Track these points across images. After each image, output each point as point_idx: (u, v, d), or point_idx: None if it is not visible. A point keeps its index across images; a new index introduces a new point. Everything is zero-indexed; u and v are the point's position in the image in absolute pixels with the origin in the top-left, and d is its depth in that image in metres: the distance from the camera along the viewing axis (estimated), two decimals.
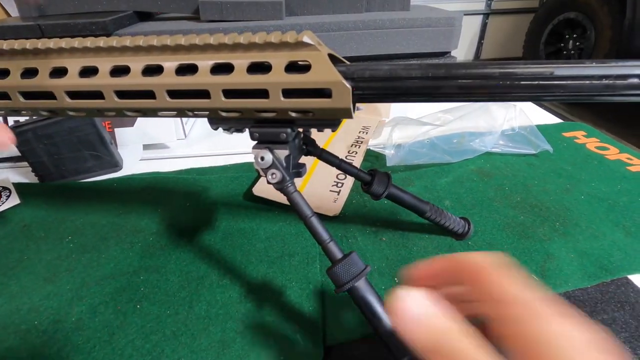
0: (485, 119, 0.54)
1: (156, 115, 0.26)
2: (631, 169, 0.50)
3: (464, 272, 0.17)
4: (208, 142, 0.61)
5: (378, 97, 0.23)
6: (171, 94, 0.24)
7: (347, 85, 0.21)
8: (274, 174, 0.26)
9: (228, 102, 0.23)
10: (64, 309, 0.32)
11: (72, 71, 0.25)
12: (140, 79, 0.24)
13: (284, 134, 0.25)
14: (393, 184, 0.35)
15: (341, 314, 0.31)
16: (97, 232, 0.41)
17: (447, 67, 0.21)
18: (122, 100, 0.25)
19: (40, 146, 0.47)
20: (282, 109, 0.23)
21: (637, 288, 0.33)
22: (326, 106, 0.22)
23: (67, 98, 0.25)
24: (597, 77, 0.19)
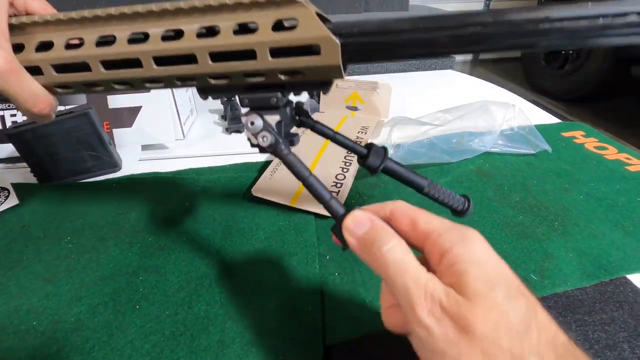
0: (485, 119, 0.54)
1: (144, 87, 0.26)
2: (630, 168, 0.50)
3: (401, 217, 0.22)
4: (207, 142, 0.61)
5: (368, 53, 0.22)
6: (158, 61, 0.24)
7: (336, 40, 0.21)
8: (265, 137, 0.25)
9: (215, 67, 0.23)
10: (63, 310, 0.32)
11: (58, 44, 0.25)
12: (127, 47, 0.24)
13: (274, 99, 0.25)
14: (390, 158, 0.34)
15: (341, 313, 0.31)
16: (96, 232, 0.41)
17: (438, 18, 0.20)
18: (108, 71, 0.25)
19: (38, 146, 0.47)
20: (271, 70, 0.23)
21: (635, 287, 0.33)
22: (315, 64, 0.22)
23: (53, 72, 0.25)
24: (593, 17, 0.18)
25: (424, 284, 0.18)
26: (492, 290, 0.17)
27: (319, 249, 0.37)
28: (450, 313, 0.17)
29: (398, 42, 0.21)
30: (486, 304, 0.17)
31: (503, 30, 0.20)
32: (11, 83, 0.24)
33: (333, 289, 0.33)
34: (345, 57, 0.22)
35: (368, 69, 1.11)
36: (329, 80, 0.24)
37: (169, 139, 0.58)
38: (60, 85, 0.26)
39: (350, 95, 0.65)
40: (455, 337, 0.17)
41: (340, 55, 0.21)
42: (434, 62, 1.11)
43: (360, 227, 0.21)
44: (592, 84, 2.06)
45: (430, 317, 0.17)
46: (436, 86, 0.89)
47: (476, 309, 0.17)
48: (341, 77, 0.23)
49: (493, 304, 0.17)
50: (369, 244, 0.21)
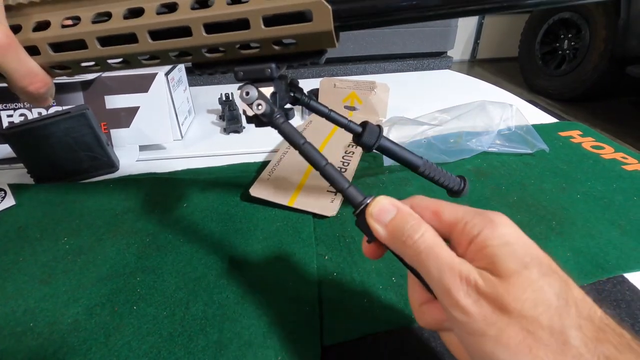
0: (482, 119, 0.54)
1: (140, 64, 0.26)
2: (626, 168, 0.50)
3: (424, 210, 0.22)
4: (205, 142, 0.61)
5: (360, 19, 0.22)
6: (153, 35, 0.24)
7: (327, 5, 0.21)
8: (260, 105, 0.25)
9: (210, 38, 0.23)
10: (60, 311, 0.32)
11: (54, 23, 0.25)
12: (122, 23, 0.24)
13: (268, 70, 0.25)
14: (385, 136, 0.34)
15: (339, 314, 0.31)
16: (94, 233, 0.40)
17: None
18: (105, 47, 0.25)
19: (35, 147, 0.47)
20: (264, 40, 0.23)
21: (632, 286, 0.33)
22: (308, 31, 0.22)
23: (50, 51, 0.25)
24: None
25: (458, 268, 0.18)
26: (526, 269, 0.17)
27: (317, 249, 0.37)
28: (486, 294, 0.17)
29: (390, 5, 0.21)
30: (521, 282, 0.17)
31: None
32: (9, 58, 0.24)
33: (331, 289, 0.33)
34: (337, 23, 0.22)
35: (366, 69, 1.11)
36: (322, 49, 0.24)
37: (167, 139, 0.58)
38: (57, 64, 0.26)
39: (348, 95, 0.65)
40: (494, 317, 0.17)
41: (332, 20, 0.22)
42: (431, 62, 1.11)
43: (387, 214, 0.21)
44: (589, 83, 2.07)
45: (467, 298, 0.17)
46: (434, 86, 0.89)
47: (512, 287, 0.17)
48: (334, 45, 0.23)
49: (529, 282, 0.17)
50: (398, 233, 0.20)
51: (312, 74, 1.02)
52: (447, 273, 0.18)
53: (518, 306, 0.16)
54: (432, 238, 0.20)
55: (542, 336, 0.16)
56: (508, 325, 0.16)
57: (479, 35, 3.10)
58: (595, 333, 0.16)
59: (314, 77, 0.97)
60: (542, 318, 0.16)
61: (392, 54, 1.12)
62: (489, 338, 0.17)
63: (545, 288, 0.17)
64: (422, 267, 0.19)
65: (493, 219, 0.19)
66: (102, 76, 0.55)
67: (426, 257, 0.19)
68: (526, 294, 0.17)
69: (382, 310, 0.31)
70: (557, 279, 0.18)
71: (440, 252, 0.19)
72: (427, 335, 0.29)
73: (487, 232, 0.19)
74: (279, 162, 0.50)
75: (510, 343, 0.16)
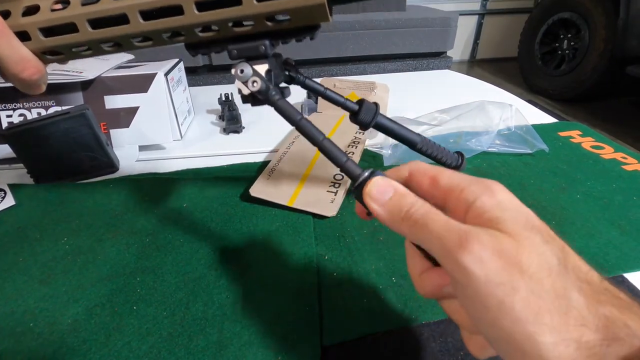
0: (482, 119, 0.54)
1: (133, 46, 0.26)
2: (626, 168, 0.50)
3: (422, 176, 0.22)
4: (204, 142, 0.61)
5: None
6: (144, 15, 0.24)
7: None
8: (255, 82, 0.25)
9: (202, 16, 0.23)
10: (60, 311, 0.32)
11: (44, 7, 0.24)
12: (113, 4, 0.24)
13: (262, 47, 0.25)
14: (382, 114, 0.33)
15: (338, 314, 0.31)
16: (93, 233, 0.40)
17: None
18: (96, 30, 0.25)
19: (35, 147, 0.47)
20: (257, 15, 0.23)
21: (632, 286, 0.33)
22: (300, 4, 0.22)
23: (41, 36, 0.25)
24: None
25: (457, 228, 0.18)
26: (531, 232, 0.17)
27: (316, 249, 0.37)
28: (493, 248, 0.16)
29: None
30: (529, 244, 0.17)
31: None
32: (0, 45, 0.24)
33: (331, 289, 0.33)
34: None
35: (365, 69, 1.11)
36: (316, 24, 0.24)
37: (167, 139, 0.58)
38: (49, 50, 0.26)
39: (348, 95, 0.65)
40: (500, 276, 0.16)
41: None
42: (431, 62, 1.11)
43: (384, 194, 0.21)
44: (588, 83, 2.07)
45: (468, 255, 0.16)
46: (433, 86, 0.89)
47: (521, 247, 0.16)
48: (327, 19, 0.23)
49: (534, 245, 0.17)
50: (396, 211, 0.20)
51: (312, 74, 1.02)
52: (445, 234, 0.18)
53: (526, 266, 0.16)
54: (427, 207, 0.19)
55: (546, 299, 0.15)
56: (514, 286, 0.16)
57: (479, 35, 3.10)
58: (596, 295, 0.16)
59: (314, 78, 0.97)
60: (545, 282, 0.16)
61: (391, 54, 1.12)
62: (494, 299, 0.16)
63: (547, 253, 0.17)
64: (421, 235, 0.19)
65: (490, 186, 0.19)
66: (101, 76, 0.54)
67: (423, 225, 0.19)
68: (532, 256, 0.16)
69: (382, 310, 0.31)
70: (556, 245, 0.17)
71: (436, 216, 0.19)
72: (427, 335, 0.29)
73: (484, 198, 0.19)
74: (278, 162, 0.50)
75: (516, 307, 0.15)
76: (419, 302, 0.31)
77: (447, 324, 0.30)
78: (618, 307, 0.16)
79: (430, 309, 0.31)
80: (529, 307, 0.15)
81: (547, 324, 0.15)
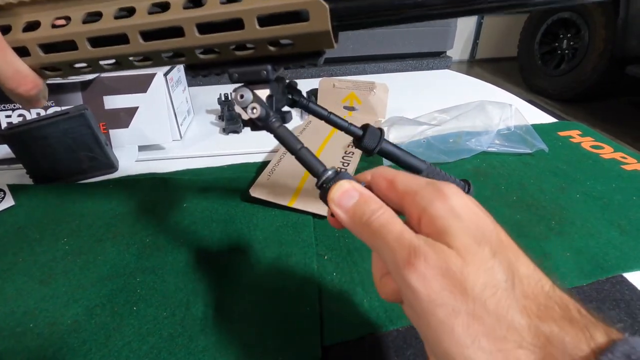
0: (481, 119, 0.54)
1: (132, 65, 0.26)
2: (626, 167, 0.50)
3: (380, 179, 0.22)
4: (204, 143, 0.61)
5: (358, 18, 0.22)
6: (145, 36, 0.23)
7: (325, 4, 0.20)
8: (255, 108, 0.24)
9: (203, 39, 0.23)
10: (60, 311, 0.32)
11: (44, 23, 0.24)
12: (113, 23, 0.23)
13: (264, 72, 0.24)
14: (386, 139, 0.33)
15: (339, 314, 0.31)
16: (93, 233, 0.40)
17: None
18: (95, 48, 0.24)
19: (34, 148, 0.47)
20: (259, 40, 0.22)
21: (632, 286, 0.33)
22: (305, 31, 0.21)
23: (40, 52, 0.25)
24: None
25: (408, 241, 0.17)
26: (479, 245, 0.17)
27: (316, 249, 0.37)
28: (438, 267, 0.16)
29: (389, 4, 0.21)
30: (476, 261, 0.16)
31: None
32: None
33: (331, 289, 0.33)
34: (335, 23, 0.21)
35: (365, 69, 1.11)
36: (320, 50, 0.24)
37: (166, 139, 0.58)
38: (48, 66, 0.26)
39: (348, 95, 0.65)
40: (442, 297, 0.16)
41: (330, 20, 0.21)
42: (430, 62, 1.11)
43: (349, 199, 0.21)
44: (588, 83, 2.07)
45: (414, 273, 0.16)
46: (433, 86, 0.89)
47: (468, 266, 0.16)
48: (332, 46, 0.22)
49: (481, 261, 0.16)
50: (359, 216, 0.20)
51: (311, 74, 1.02)
52: (396, 247, 0.17)
53: (471, 286, 0.16)
54: (387, 215, 0.19)
55: (487, 322, 0.15)
56: (459, 307, 0.16)
57: (478, 35, 3.10)
58: (539, 312, 0.16)
59: (313, 77, 0.97)
60: (490, 302, 0.16)
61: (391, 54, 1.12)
62: (435, 321, 0.16)
63: (495, 269, 0.16)
64: (377, 244, 0.19)
65: (443, 190, 0.19)
66: (101, 76, 0.54)
67: (380, 234, 0.19)
68: (479, 274, 0.16)
69: (382, 310, 0.31)
70: (506, 257, 0.17)
71: (392, 227, 0.18)
72: None
73: (437, 204, 0.18)
74: (278, 163, 0.50)
75: (455, 330, 0.15)
76: None
77: None
78: (560, 320, 0.15)
79: None
80: (468, 331, 0.15)
81: (483, 348, 0.15)
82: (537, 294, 0.16)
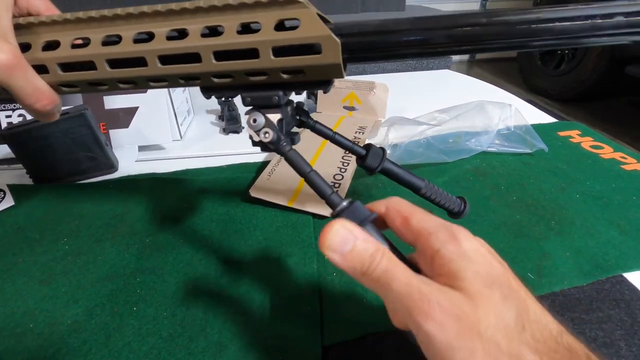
0: (481, 119, 0.54)
1: (148, 86, 0.26)
2: (625, 167, 0.50)
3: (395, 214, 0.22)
4: (204, 143, 0.61)
5: (368, 53, 0.23)
6: (163, 59, 0.24)
7: (337, 39, 0.21)
8: (267, 133, 0.25)
9: (219, 65, 0.23)
10: (60, 312, 0.32)
11: (64, 43, 0.25)
12: (132, 47, 0.24)
13: (276, 97, 0.25)
14: (388, 158, 0.34)
15: (339, 313, 0.31)
16: (93, 233, 0.40)
17: (435, 18, 0.21)
18: (114, 69, 0.25)
19: (34, 148, 0.47)
20: (273, 69, 0.23)
21: (631, 286, 0.33)
22: (316, 63, 0.22)
23: (59, 70, 0.25)
24: (582, 18, 0.19)
25: (418, 288, 0.18)
26: (490, 290, 0.18)
27: (317, 249, 0.37)
28: (453, 314, 0.17)
29: (397, 41, 0.22)
30: (486, 304, 0.17)
31: (497, 30, 0.20)
32: (15, 77, 0.24)
33: (331, 289, 0.33)
34: (346, 56, 0.22)
35: (365, 69, 1.11)
36: (330, 79, 0.25)
37: (166, 139, 0.58)
38: (66, 83, 0.26)
39: (348, 95, 0.65)
40: (460, 340, 0.17)
41: (341, 54, 0.22)
42: (430, 62, 1.11)
43: (344, 245, 0.20)
44: (588, 83, 2.07)
45: (430, 321, 0.17)
46: (433, 86, 0.89)
47: (479, 309, 0.17)
48: (341, 76, 0.23)
49: (492, 305, 0.17)
50: (357, 265, 0.20)
51: None
52: (405, 294, 0.18)
53: (484, 328, 0.17)
54: (388, 260, 0.19)
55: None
56: (472, 349, 0.16)
57: None
58: (550, 355, 0.16)
59: None
60: (502, 343, 0.16)
61: None
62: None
63: (505, 312, 0.17)
64: (383, 292, 0.19)
65: (456, 234, 0.19)
66: None
67: (385, 283, 0.19)
68: (490, 317, 0.17)
69: (383, 310, 0.31)
70: (515, 301, 0.18)
71: (398, 273, 0.19)
72: None
73: (450, 247, 0.19)
74: (278, 163, 0.50)
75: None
76: None
77: None
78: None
79: None
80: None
81: None
82: (547, 337, 0.17)
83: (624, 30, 0.19)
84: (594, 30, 0.19)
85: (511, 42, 0.20)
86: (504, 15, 0.20)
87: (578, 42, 0.20)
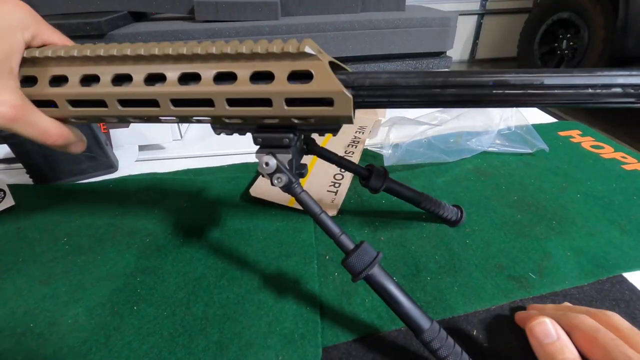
0: (482, 119, 0.54)
1: (159, 121, 0.26)
2: (626, 167, 0.50)
3: None
4: (204, 142, 0.61)
5: (377, 104, 0.24)
6: (175, 102, 0.24)
7: (348, 94, 0.22)
8: (280, 178, 0.26)
9: (232, 111, 0.24)
10: (60, 311, 0.32)
11: (72, 80, 0.25)
12: (144, 88, 0.24)
13: (286, 139, 0.26)
14: (390, 177, 0.36)
15: (339, 314, 0.31)
16: (93, 233, 0.40)
17: (443, 75, 0.22)
18: (125, 108, 0.25)
19: (34, 147, 0.47)
20: (286, 117, 0.24)
21: (632, 286, 0.33)
22: (328, 114, 0.23)
23: (69, 106, 0.25)
24: (582, 86, 0.20)
25: None
26: None
27: (317, 249, 0.37)
28: None
29: (405, 95, 0.23)
30: None
31: (501, 92, 0.21)
32: (18, 126, 0.25)
33: (332, 289, 0.33)
34: (356, 107, 0.23)
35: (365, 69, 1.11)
36: (339, 125, 0.25)
37: (166, 139, 0.58)
38: (75, 117, 0.27)
39: None
40: None
41: (352, 106, 0.22)
42: (430, 62, 1.11)
43: (547, 337, 0.24)
44: None
45: None
46: None
47: None
48: (351, 122, 0.24)
49: None
50: (551, 354, 0.23)
51: None
52: None
53: None
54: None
55: None
56: None
57: (478, 35, 3.10)
58: None
59: None
60: None
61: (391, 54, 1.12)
62: None
63: None
64: None
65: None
66: None
67: None
68: None
69: (383, 310, 0.31)
70: None
71: None
72: None
73: None
74: None
75: None
76: (420, 302, 0.31)
77: (448, 324, 0.30)
78: None
79: (431, 309, 0.31)
80: None
81: None
82: None
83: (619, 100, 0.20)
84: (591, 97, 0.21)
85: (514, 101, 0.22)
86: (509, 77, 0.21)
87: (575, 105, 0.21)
